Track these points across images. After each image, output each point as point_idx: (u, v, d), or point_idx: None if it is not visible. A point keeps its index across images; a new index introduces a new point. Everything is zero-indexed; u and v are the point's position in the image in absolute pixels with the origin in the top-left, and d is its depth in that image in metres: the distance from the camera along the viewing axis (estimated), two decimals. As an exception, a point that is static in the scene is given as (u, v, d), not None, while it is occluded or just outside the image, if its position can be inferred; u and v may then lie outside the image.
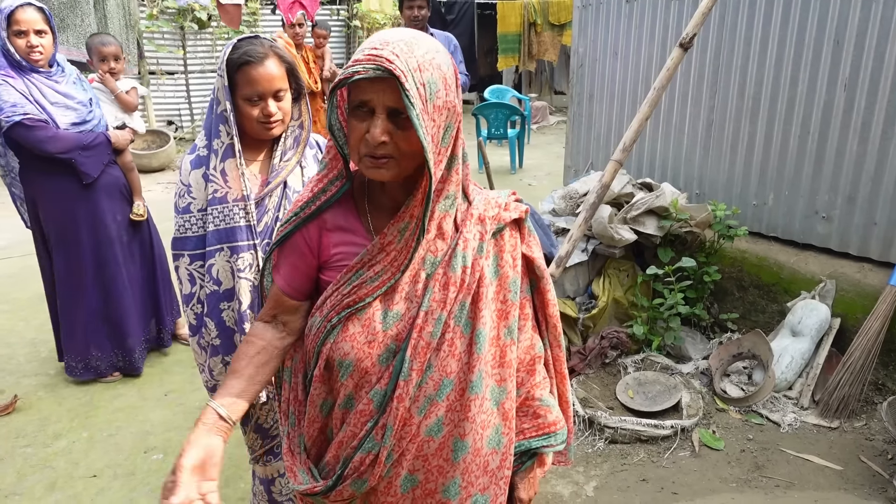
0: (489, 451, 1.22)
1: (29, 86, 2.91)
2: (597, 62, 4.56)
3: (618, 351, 3.39)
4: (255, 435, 1.99)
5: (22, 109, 2.85)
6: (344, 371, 1.18)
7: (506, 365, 1.23)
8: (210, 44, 9.81)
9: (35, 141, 2.92)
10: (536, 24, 10.99)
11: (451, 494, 1.20)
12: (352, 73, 1.02)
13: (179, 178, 1.82)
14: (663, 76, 2.82)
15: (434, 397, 1.16)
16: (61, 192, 3.12)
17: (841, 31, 3.17)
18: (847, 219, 3.30)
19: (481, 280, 1.18)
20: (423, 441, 1.18)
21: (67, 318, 3.30)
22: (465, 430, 1.18)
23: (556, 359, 1.36)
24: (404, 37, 1.07)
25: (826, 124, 3.30)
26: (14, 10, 2.81)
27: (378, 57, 1.01)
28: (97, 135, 3.13)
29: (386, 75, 1.01)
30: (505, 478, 1.25)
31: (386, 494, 1.21)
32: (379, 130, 1.05)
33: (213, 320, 1.81)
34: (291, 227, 1.22)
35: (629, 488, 2.64)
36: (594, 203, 3.01)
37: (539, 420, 1.31)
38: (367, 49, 1.04)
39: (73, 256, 3.22)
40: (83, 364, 3.35)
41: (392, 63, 1.01)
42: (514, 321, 1.23)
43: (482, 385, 1.19)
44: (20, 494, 2.61)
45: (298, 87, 1.83)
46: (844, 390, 2.97)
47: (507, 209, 1.24)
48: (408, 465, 1.19)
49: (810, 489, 2.61)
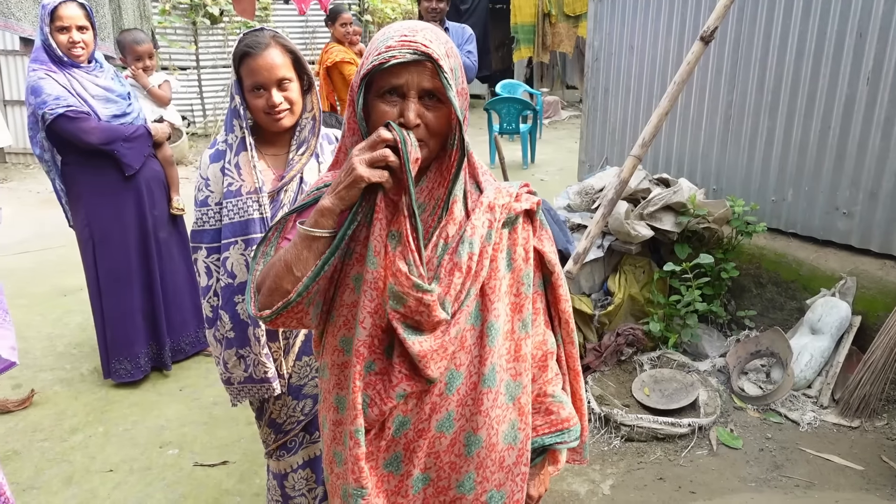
0: (505, 447, 1.21)
1: (70, 80, 2.95)
2: (612, 56, 4.51)
3: (634, 348, 3.36)
4: (268, 429, 1.99)
5: (65, 102, 2.88)
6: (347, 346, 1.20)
7: (521, 359, 1.22)
8: (222, 39, 9.83)
9: (79, 132, 2.94)
10: (551, 14, 10.89)
11: (466, 489, 1.19)
12: (388, 59, 1.06)
13: (199, 172, 1.84)
14: (683, 70, 2.78)
15: (444, 391, 1.16)
16: (104, 185, 3.13)
17: (864, 23, 3.11)
18: (869, 215, 3.24)
19: (494, 272, 1.18)
20: (434, 437, 1.17)
21: (113, 316, 3.27)
22: (479, 423, 1.17)
23: (569, 356, 1.35)
24: (426, 26, 1.12)
25: (848, 119, 3.24)
26: (57, 6, 2.85)
27: (413, 42, 1.06)
28: (138, 127, 3.15)
29: (423, 58, 1.06)
30: (522, 474, 1.24)
31: (396, 495, 1.20)
32: (413, 113, 1.10)
33: (228, 313, 1.82)
34: (312, 198, 1.23)
35: (646, 487, 2.61)
36: (612, 199, 2.98)
37: (552, 416, 1.30)
38: (396, 37, 1.08)
39: (119, 250, 3.22)
40: (132, 363, 3.32)
41: (428, 47, 1.06)
42: (528, 314, 1.23)
43: (496, 379, 1.18)
44: (38, 488, 2.63)
45: (308, 77, 1.82)
46: (865, 389, 2.93)
47: (519, 200, 1.23)
48: (419, 465, 1.18)
49: (830, 489, 2.58)
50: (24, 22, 4.23)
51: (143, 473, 2.72)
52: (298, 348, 1.90)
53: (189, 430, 3.01)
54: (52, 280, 4.60)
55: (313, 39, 10.34)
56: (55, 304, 4.27)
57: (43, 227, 5.71)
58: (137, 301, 3.30)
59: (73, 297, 4.33)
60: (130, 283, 3.27)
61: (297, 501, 2.07)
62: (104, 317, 3.27)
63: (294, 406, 1.94)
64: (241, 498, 2.57)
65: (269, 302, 1.19)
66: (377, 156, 1.07)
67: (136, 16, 6.32)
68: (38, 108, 2.87)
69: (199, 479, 2.68)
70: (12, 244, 5.20)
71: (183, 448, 2.88)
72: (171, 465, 2.77)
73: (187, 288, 3.48)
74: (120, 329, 3.28)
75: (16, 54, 7.90)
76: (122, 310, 3.27)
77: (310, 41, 10.28)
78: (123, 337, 3.28)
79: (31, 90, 2.90)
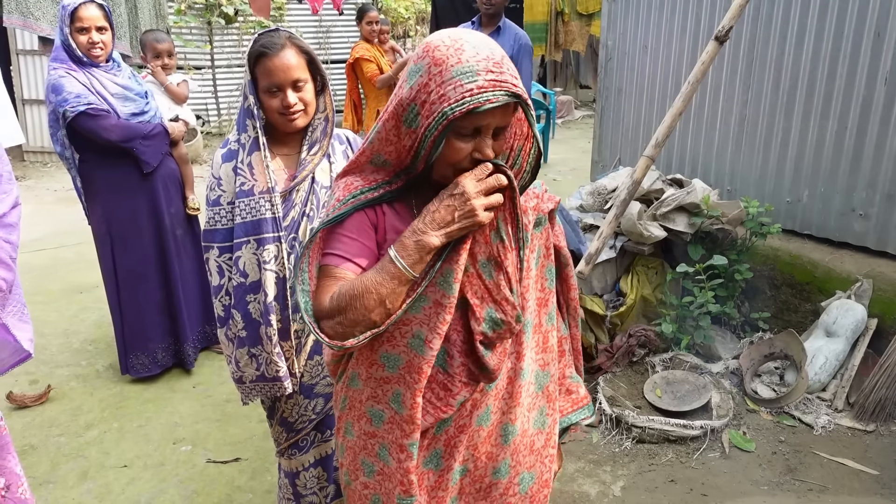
0: (535, 432, 1.29)
1: (90, 78, 2.99)
2: (626, 56, 4.49)
3: (646, 349, 3.34)
4: (280, 428, 2.00)
5: (86, 100, 2.93)
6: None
7: (548, 350, 1.30)
8: (237, 39, 9.89)
9: (99, 129, 2.98)
10: (564, 13, 10.83)
11: (501, 475, 1.26)
12: (482, 102, 1.02)
13: (211, 171, 1.84)
14: (698, 70, 2.76)
15: (484, 388, 1.20)
16: (122, 183, 3.17)
17: (882, 22, 3.08)
18: (886, 216, 3.20)
19: (527, 272, 1.23)
20: (473, 431, 1.21)
21: (131, 311, 3.31)
22: (515, 415, 1.24)
23: (574, 337, 1.45)
24: (493, 50, 1.07)
25: (865, 119, 3.21)
26: (77, 7, 2.89)
27: (503, 83, 1.03)
28: (155, 125, 3.19)
29: (514, 100, 1.05)
30: (550, 456, 1.33)
31: (437, 489, 1.23)
32: (491, 150, 1.10)
33: (240, 312, 1.83)
34: (350, 207, 1.16)
35: (657, 489, 2.60)
36: (625, 200, 2.96)
37: (573, 395, 1.43)
38: (483, 74, 1.03)
39: (136, 247, 3.25)
40: (149, 358, 3.35)
41: (516, 87, 1.04)
42: (553, 308, 1.31)
43: (529, 371, 1.25)
44: (54, 483, 2.67)
45: (322, 78, 1.83)
46: (881, 393, 2.89)
47: (544, 200, 1.28)
48: (459, 458, 1.22)
49: (845, 493, 2.55)
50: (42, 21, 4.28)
51: (156, 469, 2.75)
52: (310, 347, 1.91)
53: (202, 426, 3.03)
54: (68, 277, 4.66)
55: (327, 39, 10.37)
56: (71, 300, 4.32)
57: (60, 225, 5.78)
58: (154, 296, 3.33)
59: (88, 294, 4.38)
60: (147, 279, 3.30)
61: (308, 500, 2.08)
62: (121, 312, 3.31)
63: (306, 405, 1.95)
64: (253, 495, 2.59)
65: (350, 332, 1.12)
66: (494, 201, 1.08)
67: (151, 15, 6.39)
68: (59, 106, 2.91)
69: (212, 475, 2.71)
70: (29, 241, 5.27)
71: (196, 445, 2.90)
72: (184, 461, 2.80)
73: (199, 285, 3.51)
74: (137, 324, 3.31)
75: (34, 54, 7.98)
76: (139, 305, 3.31)
77: (324, 41, 10.31)
78: (140, 332, 3.31)
79: (51, 88, 2.94)
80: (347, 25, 10.13)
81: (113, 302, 3.32)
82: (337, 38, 10.41)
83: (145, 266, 3.28)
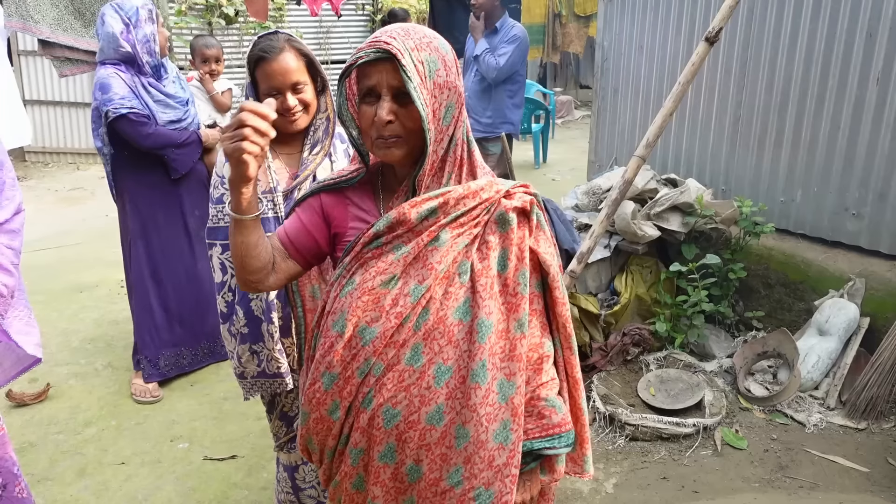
0: (495, 446, 1.19)
1: (135, 80, 3.01)
2: (622, 56, 4.51)
3: (640, 348, 3.36)
4: (279, 423, 2.03)
5: (129, 103, 2.95)
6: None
7: (516, 359, 1.21)
8: (237, 39, 9.91)
9: (136, 135, 3.01)
10: (561, 14, 10.85)
11: (454, 482, 1.20)
12: (355, 59, 1.17)
13: (215, 169, 1.87)
14: (688, 71, 2.78)
15: (432, 384, 1.19)
16: (149, 183, 3.19)
17: (874, 23, 3.10)
18: (878, 216, 3.22)
19: (486, 271, 1.21)
20: (424, 429, 1.20)
21: (145, 310, 3.32)
22: (467, 417, 1.18)
23: (568, 362, 1.32)
24: (403, 26, 1.21)
25: (857, 120, 3.23)
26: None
27: (376, 41, 1.15)
28: (190, 133, 3.20)
29: (385, 56, 1.14)
30: (512, 475, 1.21)
31: (394, 481, 1.23)
32: (385, 110, 1.17)
33: (242, 309, 1.86)
34: (309, 192, 1.40)
35: (649, 486, 2.63)
36: (616, 199, 2.99)
37: (544, 420, 1.27)
38: (369, 39, 1.19)
39: (155, 248, 3.27)
40: (166, 361, 3.35)
41: (389, 44, 1.14)
42: (524, 315, 1.22)
43: (487, 376, 1.18)
44: (52, 479, 2.70)
45: (322, 79, 1.85)
46: (873, 391, 2.91)
47: (510, 197, 1.24)
48: (412, 455, 1.21)
49: (835, 491, 2.57)
50: (41, 24, 4.30)
51: (153, 466, 2.78)
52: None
53: (199, 424, 3.06)
54: (68, 277, 4.69)
55: (327, 40, 10.40)
56: (71, 300, 4.35)
57: (61, 225, 5.82)
58: (169, 298, 3.33)
59: (88, 293, 4.42)
60: (172, 280, 3.32)
61: (307, 493, 2.11)
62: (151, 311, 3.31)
63: (303, 400, 1.98)
64: (249, 491, 2.62)
65: (242, 279, 1.40)
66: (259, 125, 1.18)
67: (152, 17, 6.41)
68: (103, 105, 2.93)
69: (209, 472, 2.74)
70: (30, 241, 5.28)
71: (193, 442, 2.93)
72: (181, 458, 2.83)
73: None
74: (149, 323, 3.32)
75: (35, 55, 8.02)
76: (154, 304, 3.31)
77: (324, 41, 10.34)
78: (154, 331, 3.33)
79: (98, 86, 2.95)
80: (348, 26, 10.18)
81: (143, 302, 3.30)
82: (337, 38, 10.44)
83: (171, 266, 3.30)
